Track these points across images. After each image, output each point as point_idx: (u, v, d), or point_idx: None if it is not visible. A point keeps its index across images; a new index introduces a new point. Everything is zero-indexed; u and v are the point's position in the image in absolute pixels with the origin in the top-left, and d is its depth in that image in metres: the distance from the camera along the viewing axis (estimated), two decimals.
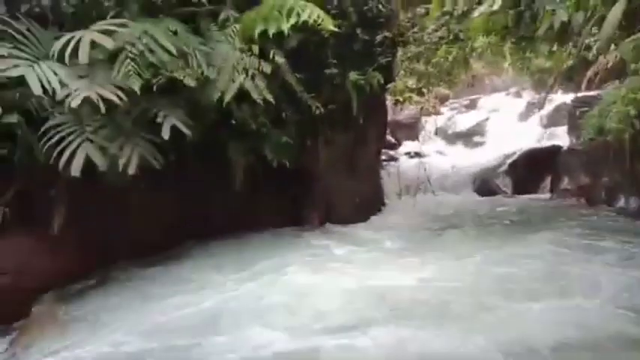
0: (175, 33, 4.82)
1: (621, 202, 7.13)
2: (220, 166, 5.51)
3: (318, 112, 6.19)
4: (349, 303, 3.67)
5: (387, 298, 3.70)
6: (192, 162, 5.10)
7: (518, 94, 14.30)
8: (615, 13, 5.41)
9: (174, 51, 4.59)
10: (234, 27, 5.46)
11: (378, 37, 6.85)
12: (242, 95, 5.09)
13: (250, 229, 5.89)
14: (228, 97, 4.93)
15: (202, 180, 5.46)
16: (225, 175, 5.56)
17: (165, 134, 4.43)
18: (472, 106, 14.14)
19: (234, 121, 5.38)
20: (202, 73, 4.86)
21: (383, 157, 9.90)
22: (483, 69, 13.87)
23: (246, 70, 5.13)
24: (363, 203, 7.23)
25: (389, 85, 7.54)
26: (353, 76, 6.56)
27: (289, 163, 5.83)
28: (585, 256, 4.66)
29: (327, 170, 6.95)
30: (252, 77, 5.13)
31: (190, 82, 4.67)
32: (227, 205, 5.73)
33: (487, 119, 12.81)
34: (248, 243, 5.55)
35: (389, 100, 8.95)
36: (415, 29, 7.53)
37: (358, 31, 6.57)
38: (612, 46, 7.29)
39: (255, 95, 5.05)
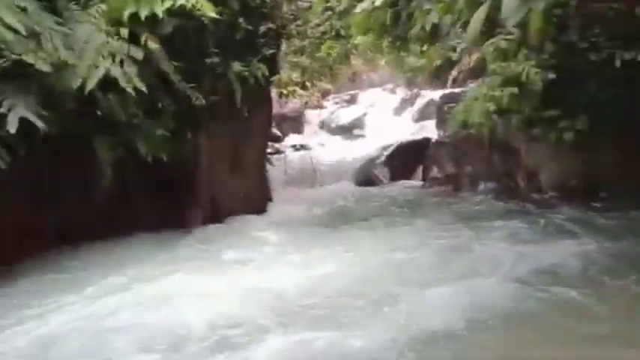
0: (25, 10, 4.11)
1: (482, 188, 7.94)
2: (83, 162, 4.88)
3: (198, 102, 5.79)
4: (237, 311, 3.26)
5: (282, 300, 3.45)
6: (47, 158, 4.40)
7: (393, 90, 15.18)
8: (477, 17, 5.93)
9: (22, 30, 3.90)
10: (100, 7, 4.87)
11: (262, 28, 6.64)
12: (109, 83, 4.53)
13: (121, 233, 5.24)
14: (90, 85, 4.36)
15: (59, 179, 4.79)
16: (89, 172, 4.92)
17: (12, 127, 3.74)
18: (352, 100, 14.64)
19: (99, 112, 4.76)
20: (59, 56, 4.20)
21: (269, 150, 9.75)
22: (362, 65, 14.42)
23: (112, 55, 4.58)
24: (250, 199, 7.01)
25: (274, 78, 7.38)
26: (236, 66, 6.27)
27: (167, 158, 5.36)
28: (472, 234, 4.99)
29: (210, 165, 6.57)
30: (121, 63, 4.61)
31: (44, 67, 4.02)
32: (91, 207, 5.07)
33: (366, 114, 13.37)
34: (115, 250, 4.90)
35: (274, 93, 8.81)
36: (299, 22, 7.47)
37: (241, 20, 6.29)
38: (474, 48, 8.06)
39: (123, 83, 4.54)
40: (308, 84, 9.82)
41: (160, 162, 5.30)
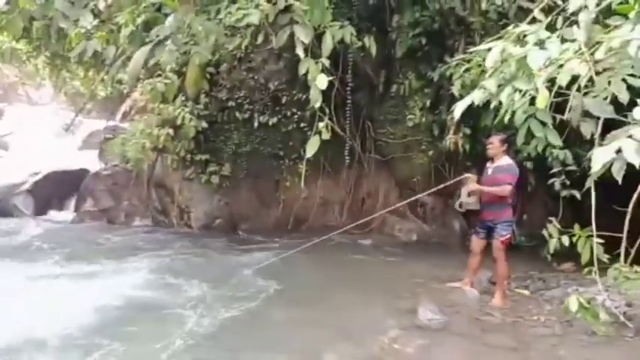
0: None
1: (137, 223, 7.91)
2: None
3: None
4: None
5: None
6: None
7: (56, 112, 13.55)
8: (140, 55, 6.07)
9: None
10: None
11: None
12: None
13: None
14: None
15: None
16: None
17: None
18: None
19: None
20: None
21: None
22: (17, 77, 12.41)
23: None
24: None
25: None
26: None
27: None
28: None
29: None
30: None
31: None
32: None
33: (12, 133, 11.34)
34: None
35: None
36: None
37: None
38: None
39: None
40: None
41: None
